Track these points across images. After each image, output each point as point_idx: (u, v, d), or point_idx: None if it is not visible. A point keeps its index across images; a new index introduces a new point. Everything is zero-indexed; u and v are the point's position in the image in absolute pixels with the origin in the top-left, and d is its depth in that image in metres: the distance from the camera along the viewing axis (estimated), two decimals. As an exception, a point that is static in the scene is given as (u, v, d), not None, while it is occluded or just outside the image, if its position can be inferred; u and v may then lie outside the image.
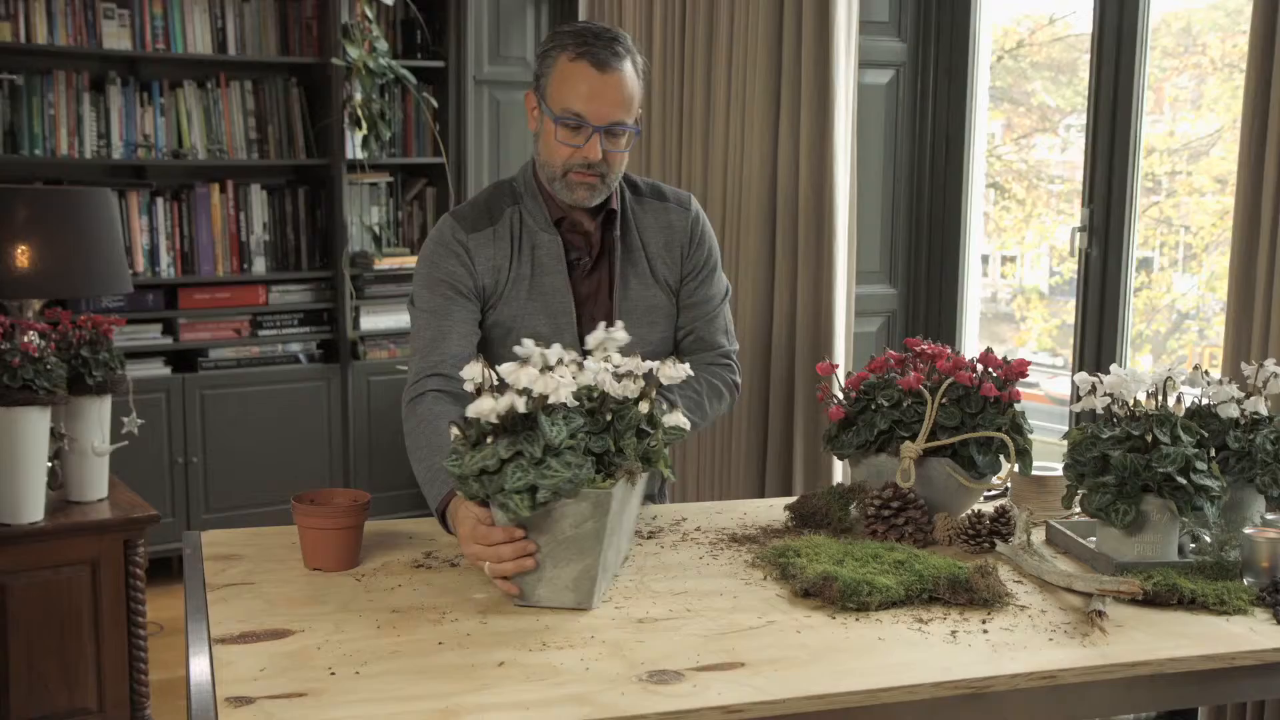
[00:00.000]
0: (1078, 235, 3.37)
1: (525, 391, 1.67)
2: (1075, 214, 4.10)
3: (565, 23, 2.30)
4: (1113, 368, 2.00)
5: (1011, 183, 4.44)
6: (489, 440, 1.68)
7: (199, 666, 1.53)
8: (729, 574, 1.92)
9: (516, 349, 1.73)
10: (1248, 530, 1.91)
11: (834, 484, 2.23)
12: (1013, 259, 4.73)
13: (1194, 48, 3.70)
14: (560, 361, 1.73)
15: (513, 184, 2.34)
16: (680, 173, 4.09)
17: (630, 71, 2.20)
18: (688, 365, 1.84)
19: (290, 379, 4.99)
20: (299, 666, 1.54)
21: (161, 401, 4.69)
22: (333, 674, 1.52)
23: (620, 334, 1.81)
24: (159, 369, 4.76)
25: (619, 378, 1.77)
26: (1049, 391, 4.57)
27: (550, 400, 1.67)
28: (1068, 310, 4.31)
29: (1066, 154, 4.19)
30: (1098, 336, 3.33)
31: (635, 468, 1.74)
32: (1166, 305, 3.92)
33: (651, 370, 1.80)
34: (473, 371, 1.70)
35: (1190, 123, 3.76)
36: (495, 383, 1.69)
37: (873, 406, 2.19)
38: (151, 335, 4.76)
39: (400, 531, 2.11)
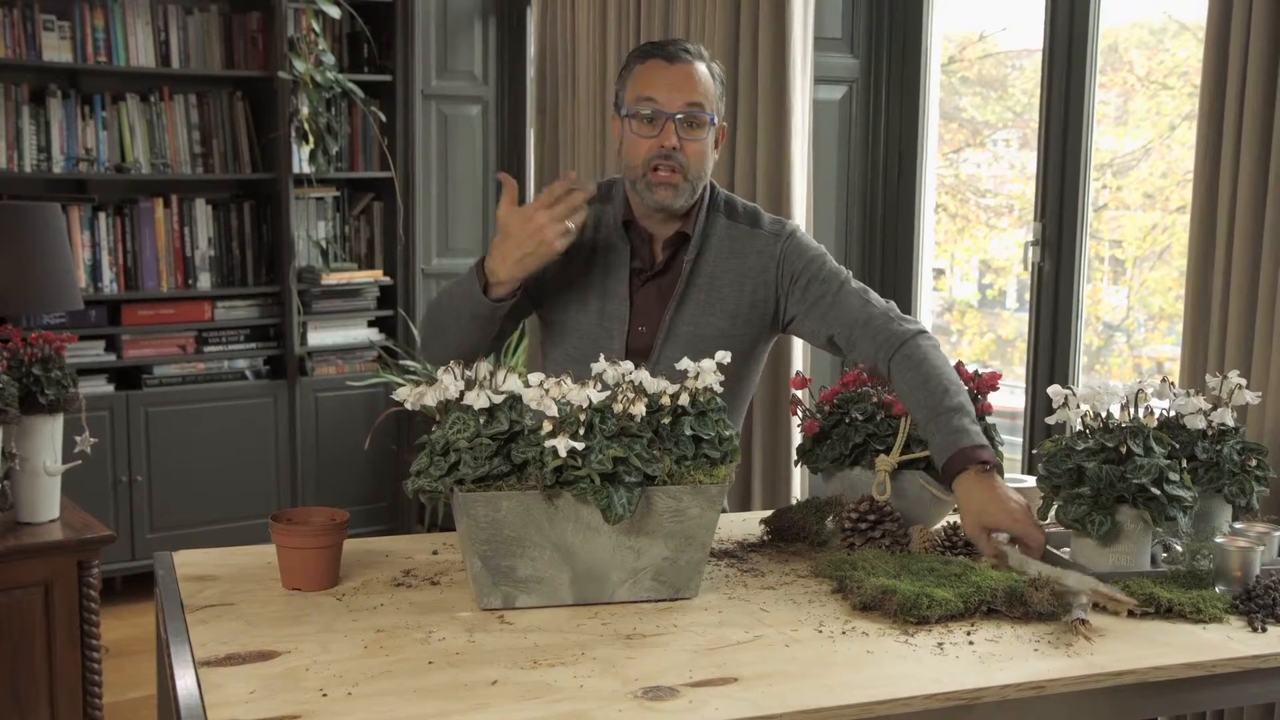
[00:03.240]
0: (1030, 249, 3.41)
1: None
2: (1006, 228, 4.16)
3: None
4: (1085, 380, 2.03)
5: (943, 196, 4.49)
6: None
7: (187, 690, 1.50)
8: (710, 588, 1.92)
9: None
10: (1219, 539, 1.94)
11: (810, 498, 2.23)
12: (941, 272, 4.78)
13: (1120, 65, 3.77)
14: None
15: (613, 187, 2.38)
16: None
17: (703, 68, 2.26)
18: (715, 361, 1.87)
19: (237, 396, 4.92)
20: (289, 688, 1.51)
21: (105, 419, 4.60)
22: (324, 695, 1.49)
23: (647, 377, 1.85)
24: (102, 386, 4.68)
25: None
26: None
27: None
28: (1001, 323, 4.36)
29: (995, 169, 4.24)
30: (1051, 349, 3.37)
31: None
32: (1094, 319, 3.97)
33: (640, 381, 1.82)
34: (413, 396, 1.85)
35: (1116, 138, 3.82)
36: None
37: (846, 420, 2.21)
38: (94, 352, 4.67)
39: (376, 550, 2.09)
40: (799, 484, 3.61)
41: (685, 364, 1.87)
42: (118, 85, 4.84)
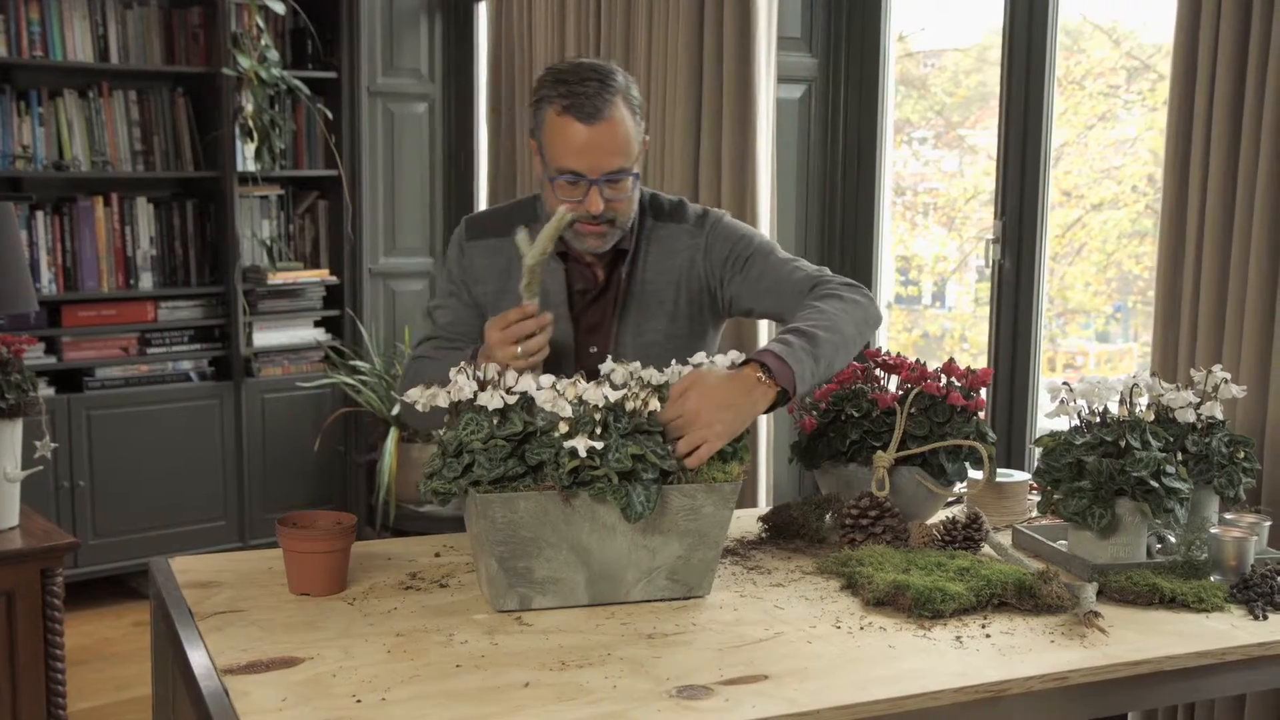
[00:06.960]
0: (992, 247, 3.46)
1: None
2: (930, 226, 4.21)
3: (558, 62, 2.26)
4: (1082, 376, 2.06)
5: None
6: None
7: (216, 698, 1.47)
8: (720, 587, 1.92)
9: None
10: (1214, 530, 1.98)
11: (808, 494, 2.25)
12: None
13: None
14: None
15: (536, 203, 2.30)
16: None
17: (622, 114, 2.12)
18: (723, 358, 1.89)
19: (181, 398, 4.82)
20: (321, 695, 1.49)
21: (47, 424, 4.47)
22: (359, 701, 1.47)
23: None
24: (43, 389, 4.54)
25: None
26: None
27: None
28: (926, 320, 4.42)
29: (913, 167, 4.29)
30: (1012, 347, 3.42)
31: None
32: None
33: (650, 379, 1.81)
34: (414, 395, 1.83)
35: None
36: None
37: (842, 417, 2.22)
38: (34, 354, 4.55)
39: (377, 553, 2.06)
40: (763, 480, 3.62)
41: (699, 358, 1.88)
42: (55, 80, 4.72)
